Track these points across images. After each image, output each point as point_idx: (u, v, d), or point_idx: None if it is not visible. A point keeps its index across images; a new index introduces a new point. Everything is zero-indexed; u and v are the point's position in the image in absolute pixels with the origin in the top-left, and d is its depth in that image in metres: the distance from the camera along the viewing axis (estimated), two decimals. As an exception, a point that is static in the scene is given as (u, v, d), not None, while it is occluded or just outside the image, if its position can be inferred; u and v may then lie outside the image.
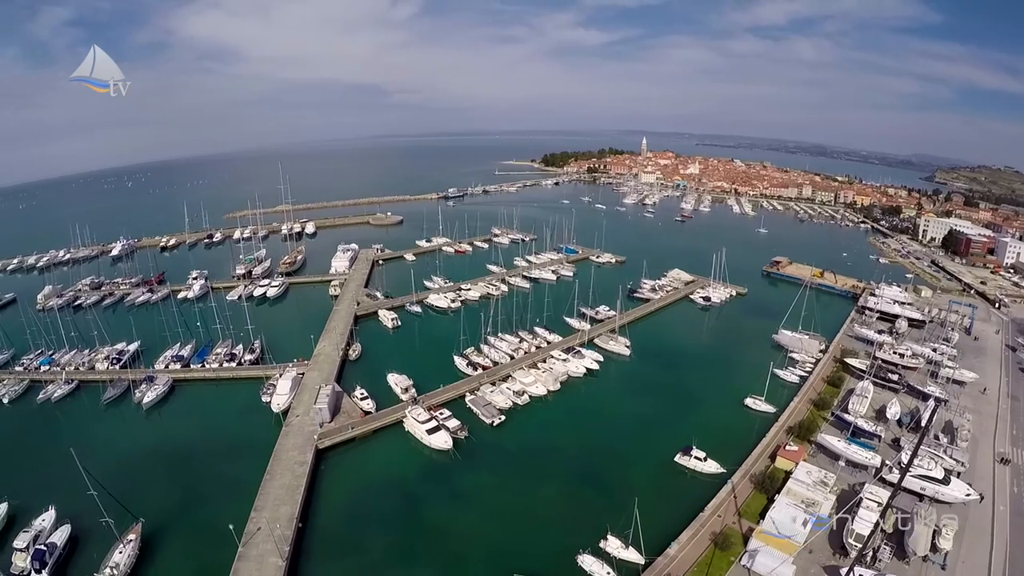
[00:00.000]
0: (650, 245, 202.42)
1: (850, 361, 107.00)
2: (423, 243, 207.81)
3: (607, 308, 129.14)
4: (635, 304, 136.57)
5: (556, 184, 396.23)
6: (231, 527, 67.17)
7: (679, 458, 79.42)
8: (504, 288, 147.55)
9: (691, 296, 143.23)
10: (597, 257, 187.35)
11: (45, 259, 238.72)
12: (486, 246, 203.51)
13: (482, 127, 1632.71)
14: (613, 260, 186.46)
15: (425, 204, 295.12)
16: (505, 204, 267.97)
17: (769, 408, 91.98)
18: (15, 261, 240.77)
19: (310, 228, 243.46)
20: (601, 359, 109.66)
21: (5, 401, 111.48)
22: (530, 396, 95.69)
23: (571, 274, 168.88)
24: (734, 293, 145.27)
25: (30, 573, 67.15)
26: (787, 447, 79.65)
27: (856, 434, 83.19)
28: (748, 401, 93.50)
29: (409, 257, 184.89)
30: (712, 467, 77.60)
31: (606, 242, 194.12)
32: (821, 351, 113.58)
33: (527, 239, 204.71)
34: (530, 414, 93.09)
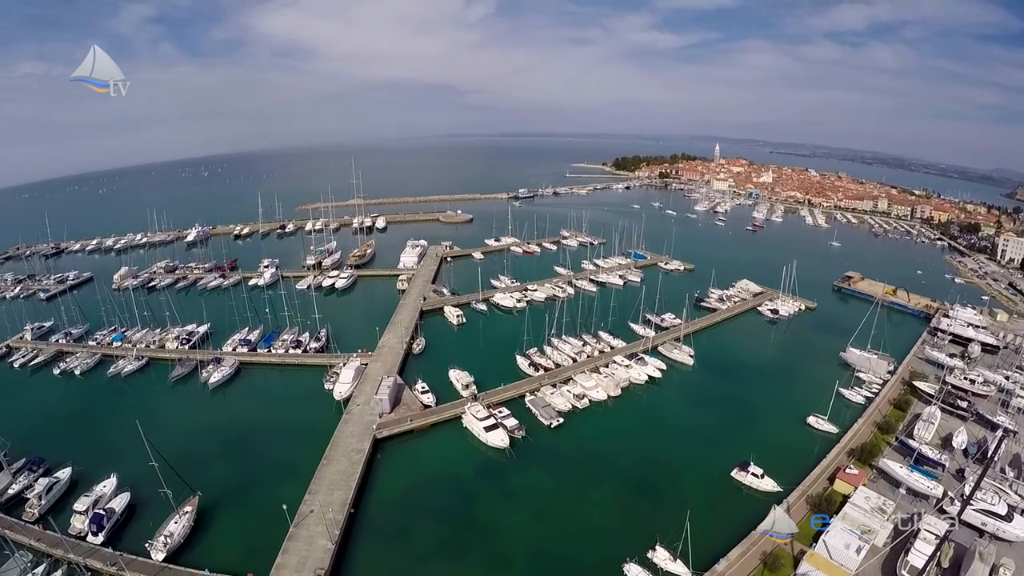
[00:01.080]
0: (719, 254, 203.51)
1: (919, 384, 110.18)
2: (492, 242, 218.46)
3: (672, 316, 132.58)
4: (701, 313, 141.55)
5: (627, 188, 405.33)
6: (284, 507, 74.45)
7: (736, 473, 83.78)
8: (570, 291, 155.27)
9: (759, 308, 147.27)
10: (665, 264, 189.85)
11: (122, 242, 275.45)
12: (554, 248, 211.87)
13: (554, 129, 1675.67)
14: (681, 267, 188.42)
15: (495, 204, 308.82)
16: (575, 207, 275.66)
17: (831, 428, 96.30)
18: (94, 242, 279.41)
19: (381, 223, 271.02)
20: (664, 367, 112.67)
21: (77, 372, 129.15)
22: (590, 400, 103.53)
23: (638, 280, 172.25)
24: (803, 307, 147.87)
25: (87, 535, 77.34)
26: (847, 470, 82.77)
27: (920, 461, 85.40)
28: (810, 419, 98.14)
29: (477, 255, 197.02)
30: (768, 485, 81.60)
31: (675, 249, 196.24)
32: (889, 372, 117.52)
33: (595, 243, 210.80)
34: (588, 418, 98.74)
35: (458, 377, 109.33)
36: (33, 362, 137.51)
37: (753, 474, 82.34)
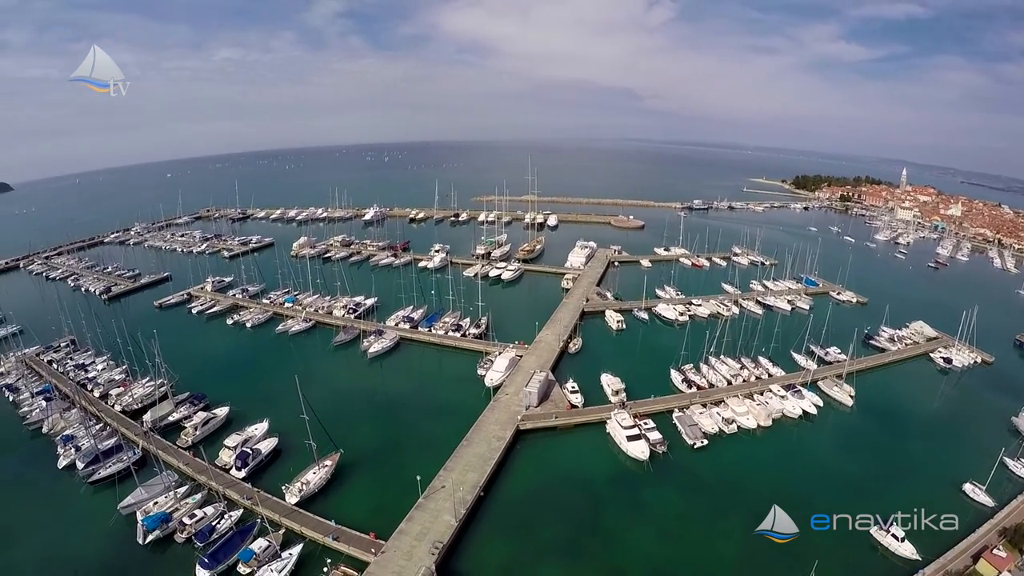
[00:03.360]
0: (896, 289, 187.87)
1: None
2: (661, 251, 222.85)
3: (837, 350, 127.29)
4: (869, 352, 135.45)
5: (805, 209, 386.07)
6: (418, 478, 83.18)
7: (875, 531, 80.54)
8: (735, 310, 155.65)
9: (931, 355, 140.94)
10: (837, 293, 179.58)
11: (304, 214, 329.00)
12: (723, 264, 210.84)
13: (731, 139, 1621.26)
14: (854, 300, 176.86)
15: (667, 212, 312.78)
16: (749, 223, 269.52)
17: (987, 500, 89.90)
18: (277, 212, 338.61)
19: (552, 220, 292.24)
20: (820, 404, 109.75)
21: (248, 325, 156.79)
22: (739, 427, 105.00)
23: (807, 307, 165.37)
24: (979, 360, 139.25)
25: (231, 469, 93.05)
26: (995, 551, 77.57)
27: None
28: (966, 487, 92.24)
29: (645, 263, 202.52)
30: (907, 550, 77.90)
31: (849, 279, 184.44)
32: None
33: (767, 263, 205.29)
34: (734, 445, 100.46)
35: (609, 382, 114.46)
36: (210, 311, 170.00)
37: (894, 535, 79.13)
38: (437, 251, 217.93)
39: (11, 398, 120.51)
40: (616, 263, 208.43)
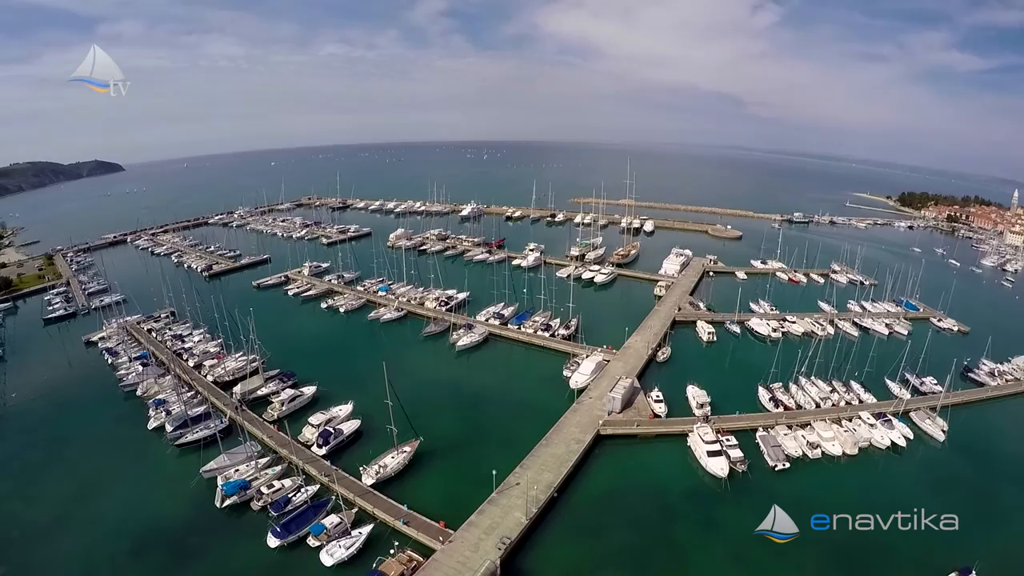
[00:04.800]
0: (1001, 320, 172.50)
1: None
2: (757, 264, 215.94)
3: (933, 381, 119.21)
4: (967, 385, 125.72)
5: (910, 228, 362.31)
6: (494, 473, 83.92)
7: None
8: (830, 330, 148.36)
9: None
10: (938, 320, 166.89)
11: (402, 207, 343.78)
12: (822, 281, 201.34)
13: (835, 151, 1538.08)
14: (955, 328, 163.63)
15: (766, 224, 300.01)
16: (850, 240, 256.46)
17: None
18: (376, 203, 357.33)
19: (648, 226, 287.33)
20: (910, 436, 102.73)
21: (341, 310, 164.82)
22: (823, 452, 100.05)
23: (905, 332, 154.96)
24: None
25: (312, 445, 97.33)
26: None
27: None
28: None
29: (740, 275, 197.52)
30: None
31: (952, 305, 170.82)
32: None
33: (866, 283, 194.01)
34: (816, 471, 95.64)
35: (695, 394, 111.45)
36: (305, 294, 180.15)
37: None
38: (531, 250, 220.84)
39: (110, 361, 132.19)
40: (711, 273, 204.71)
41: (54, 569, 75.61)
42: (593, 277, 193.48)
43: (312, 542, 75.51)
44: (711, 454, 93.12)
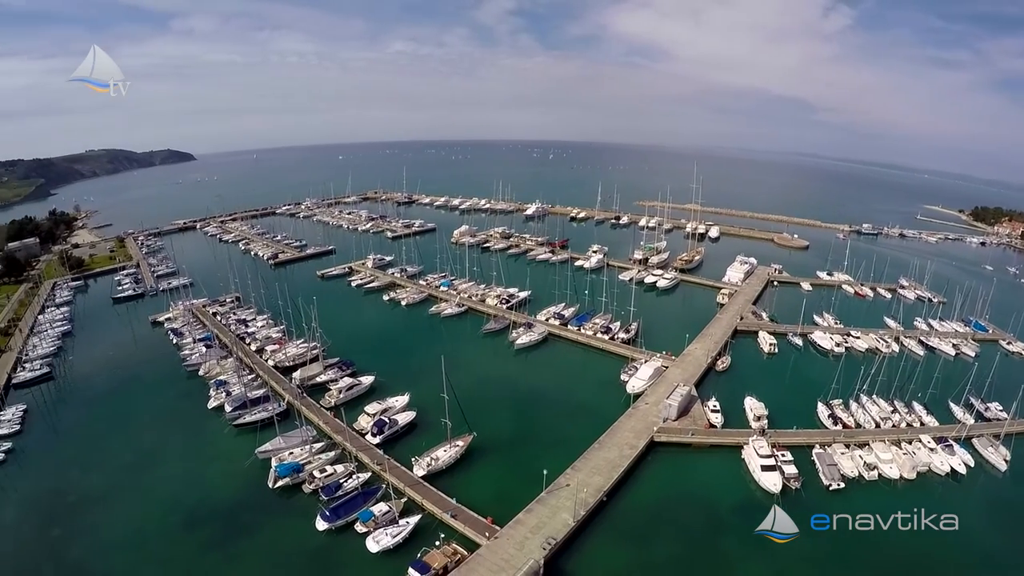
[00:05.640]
0: None
1: None
2: (823, 275, 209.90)
3: (999, 407, 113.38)
4: None
5: (982, 244, 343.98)
6: (544, 473, 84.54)
7: None
8: (895, 347, 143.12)
9: None
10: (1008, 343, 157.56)
11: (467, 204, 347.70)
12: (888, 296, 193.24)
13: (907, 160, 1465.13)
14: None
15: (833, 234, 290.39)
16: (920, 254, 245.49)
17: None
18: (441, 199, 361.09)
19: (714, 232, 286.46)
20: (971, 463, 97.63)
21: (403, 303, 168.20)
22: (880, 474, 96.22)
23: (972, 354, 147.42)
24: None
25: (367, 434, 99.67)
26: None
27: None
28: None
29: (806, 286, 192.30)
30: None
31: (1023, 328, 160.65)
32: None
33: (935, 300, 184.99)
34: (871, 493, 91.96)
35: (752, 406, 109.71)
36: (368, 285, 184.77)
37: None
38: (595, 252, 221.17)
39: (175, 341, 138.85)
40: (775, 283, 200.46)
41: (106, 535, 79.54)
42: (656, 281, 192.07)
43: (359, 528, 77.16)
44: (765, 468, 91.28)
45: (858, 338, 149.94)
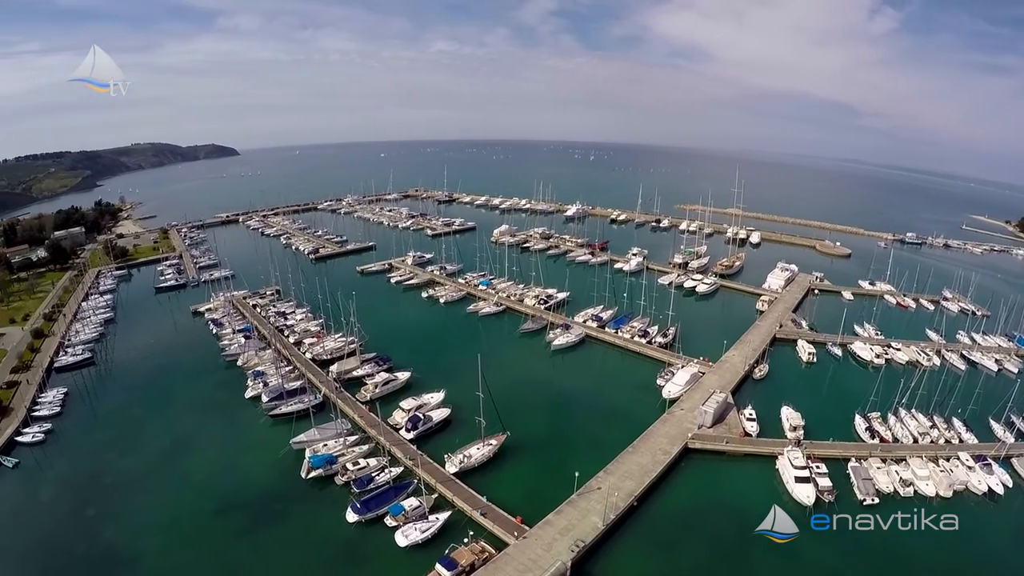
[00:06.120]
0: None
1: None
2: (865, 284, 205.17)
3: None
4: None
5: None
6: (576, 475, 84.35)
7: None
8: (936, 361, 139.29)
9: None
10: None
11: (507, 204, 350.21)
12: (931, 308, 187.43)
13: (953, 168, 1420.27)
14: None
15: (876, 242, 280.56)
16: (965, 265, 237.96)
17: None
18: (482, 199, 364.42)
19: (755, 238, 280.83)
20: (1009, 483, 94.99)
21: (441, 301, 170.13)
22: (915, 491, 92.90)
23: (1015, 371, 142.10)
24: None
25: (401, 429, 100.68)
26: None
27: None
28: None
29: (847, 295, 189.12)
30: None
31: None
32: None
33: (979, 313, 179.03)
34: (906, 510, 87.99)
35: (789, 416, 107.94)
36: (407, 282, 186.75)
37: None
38: (634, 255, 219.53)
39: (214, 331, 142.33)
40: (816, 291, 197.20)
41: (139, 517, 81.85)
42: (695, 286, 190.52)
43: (389, 522, 78.08)
44: (799, 480, 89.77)
45: (899, 350, 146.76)
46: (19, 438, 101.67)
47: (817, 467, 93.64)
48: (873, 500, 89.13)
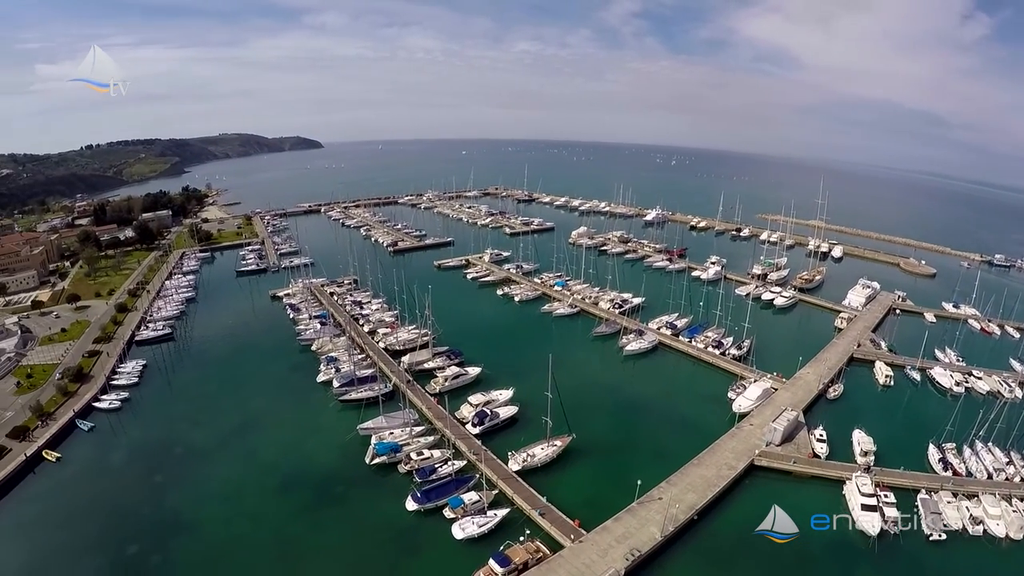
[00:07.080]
0: None
1: None
2: (949, 307, 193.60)
3: None
4: None
5: None
6: (638, 483, 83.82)
7: None
8: (1019, 393, 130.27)
9: None
10: None
11: (587, 206, 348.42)
12: (1017, 336, 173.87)
13: None
14: None
15: (961, 263, 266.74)
16: None
17: None
18: (562, 199, 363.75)
19: (837, 252, 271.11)
20: None
21: (516, 299, 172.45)
22: (985, 530, 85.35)
23: None
24: None
25: (467, 423, 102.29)
26: None
27: None
28: None
29: (929, 317, 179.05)
30: None
31: None
32: None
33: None
34: (973, 550, 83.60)
35: (860, 440, 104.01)
36: (483, 279, 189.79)
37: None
38: (713, 263, 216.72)
39: (291, 315, 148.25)
40: (898, 311, 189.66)
41: (204, 487, 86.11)
42: (773, 299, 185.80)
43: (448, 514, 79.45)
44: (865, 508, 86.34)
45: (980, 378, 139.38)
46: (97, 404, 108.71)
47: (885, 496, 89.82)
48: (940, 536, 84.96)
